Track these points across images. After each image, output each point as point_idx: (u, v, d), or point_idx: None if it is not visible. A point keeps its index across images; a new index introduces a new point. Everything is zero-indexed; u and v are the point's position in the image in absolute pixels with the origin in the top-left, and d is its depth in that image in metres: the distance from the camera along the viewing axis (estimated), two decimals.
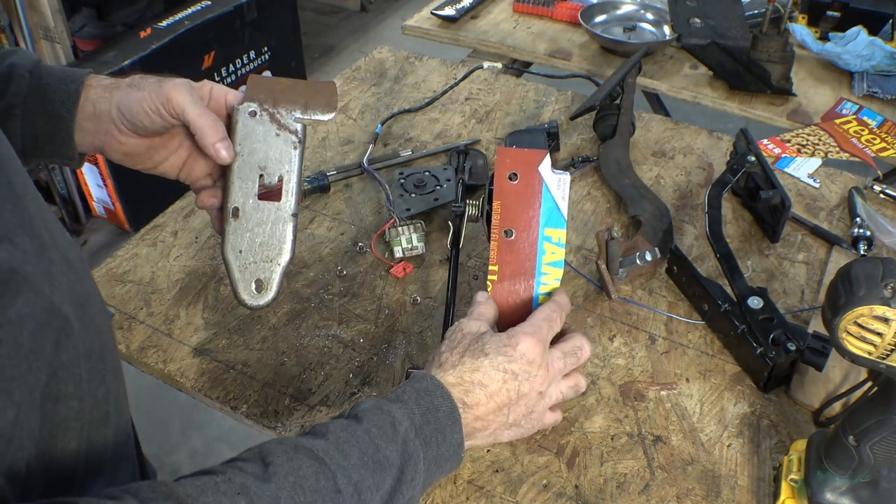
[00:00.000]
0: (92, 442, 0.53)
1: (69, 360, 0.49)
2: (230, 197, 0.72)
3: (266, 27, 2.62)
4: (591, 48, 1.62)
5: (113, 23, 2.48)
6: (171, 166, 0.76)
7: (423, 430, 0.62)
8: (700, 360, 0.89)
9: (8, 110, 0.68)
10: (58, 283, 0.49)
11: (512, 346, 0.67)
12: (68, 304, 0.50)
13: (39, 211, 0.52)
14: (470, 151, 1.18)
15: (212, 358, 0.89)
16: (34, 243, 0.48)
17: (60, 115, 0.69)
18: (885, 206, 1.12)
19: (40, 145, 0.70)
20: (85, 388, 0.51)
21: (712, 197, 1.02)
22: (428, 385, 0.65)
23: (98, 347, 0.54)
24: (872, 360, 0.59)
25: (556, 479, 0.77)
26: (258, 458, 0.55)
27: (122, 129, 0.70)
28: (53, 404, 0.48)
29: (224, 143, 0.70)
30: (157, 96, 0.67)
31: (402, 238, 1.00)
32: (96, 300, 0.58)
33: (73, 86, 0.69)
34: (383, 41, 2.52)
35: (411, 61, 1.47)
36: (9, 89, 0.68)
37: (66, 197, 2.45)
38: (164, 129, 0.71)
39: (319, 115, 0.73)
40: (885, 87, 1.43)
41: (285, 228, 0.73)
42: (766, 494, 0.75)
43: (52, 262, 0.50)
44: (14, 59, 0.69)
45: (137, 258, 1.03)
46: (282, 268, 0.73)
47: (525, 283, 0.75)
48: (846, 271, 0.59)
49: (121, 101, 0.68)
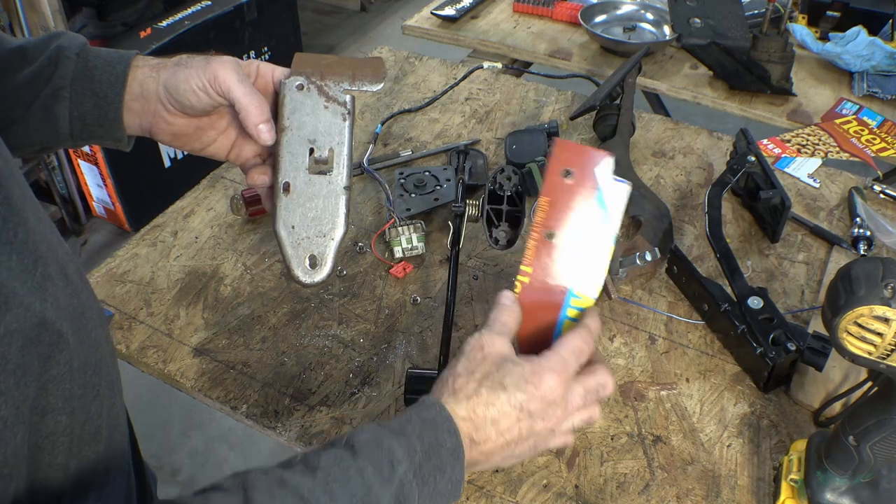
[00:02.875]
0: (82, 457, 0.52)
1: (60, 374, 0.48)
2: (280, 172, 0.70)
3: (266, 27, 2.62)
4: (591, 48, 1.62)
5: (113, 23, 2.48)
6: (220, 147, 0.74)
7: (423, 468, 0.57)
8: (700, 360, 0.89)
9: (56, 93, 0.67)
10: (52, 298, 0.48)
11: (535, 385, 0.61)
12: (63, 319, 0.49)
13: (38, 223, 0.51)
14: (470, 151, 1.18)
15: (212, 358, 0.89)
16: (25, 259, 0.47)
17: (108, 97, 0.68)
18: (885, 206, 1.12)
19: (88, 128, 0.69)
20: (76, 404, 0.51)
21: (712, 197, 1.02)
22: (435, 417, 0.59)
23: (94, 361, 0.53)
24: (872, 360, 0.59)
25: (556, 479, 0.77)
26: (240, 490, 0.51)
27: (170, 109, 0.68)
28: (41, 417, 0.47)
29: (267, 125, 0.68)
30: (203, 73, 0.66)
31: (402, 238, 1.00)
32: (94, 313, 0.57)
33: (120, 66, 0.68)
34: (383, 41, 2.52)
35: (411, 61, 1.47)
36: (56, 72, 0.67)
37: (66, 197, 2.45)
38: (212, 107, 0.69)
39: (368, 85, 0.71)
40: (885, 87, 1.43)
41: (338, 202, 0.71)
42: (766, 494, 0.75)
43: (47, 277, 0.49)
44: (61, 42, 0.68)
45: (137, 258, 1.03)
46: (336, 242, 0.71)
47: (558, 293, 0.68)
48: (846, 271, 0.59)
49: (168, 79, 0.67)
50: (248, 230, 1.07)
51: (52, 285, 0.49)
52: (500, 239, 0.96)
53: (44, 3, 2.12)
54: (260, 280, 0.99)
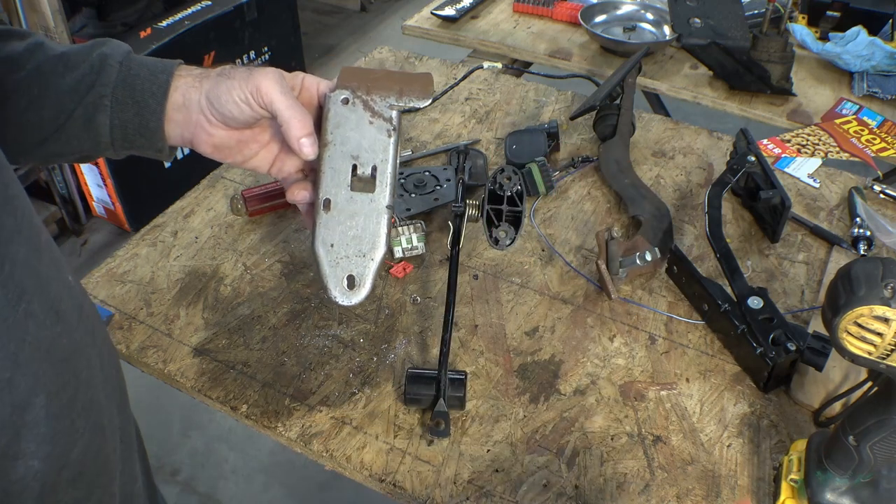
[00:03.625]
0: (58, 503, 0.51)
1: (35, 419, 0.47)
2: (321, 188, 0.68)
3: (266, 27, 2.62)
4: (591, 48, 1.62)
5: (113, 23, 2.48)
6: (263, 161, 0.72)
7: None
8: (700, 360, 0.89)
9: (97, 101, 0.66)
10: (32, 338, 0.47)
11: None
12: (41, 360, 0.48)
13: (31, 255, 0.49)
14: (470, 151, 1.18)
15: (212, 358, 0.89)
16: (9, 293, 0.45)
17: (150, 106, 0.67)
18: (885, 206, 1.12)
19: (130, 137, 0.68)
20: (50, 450, 0.49)
21: (712, 197, 1.02)
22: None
23: (81, 403, 0.52)
24: (872, 360, 0.59)
25: (556, 479, 0.77)
26: None
27: (212, 120, 0.67)
28: (11, 462, 0.46)
29: (310, 139, 0.66)
30: (246, 85, 0.65)
31: (402, 238, 1.00)
32: (93, 351, 0.56)
33: (163, 76, 0.67)
34: (383, 41, 2.52)
35: (411, 61, 1.47)
36: (99, 80, 0.66)
37: (66, 197, 2.45)
38: (254, 120, 0.68)
39: (415, 101, 0.68)
40: (885, 87, 1.43)
41: (380, 221, 0.68)
42: (766, 494, 0.75)
43: (30, 315, 0.47)
44: (105, 50, 0.67)
45: (137, 258, 1.03)
46: (376, 263, 0.68)
47: None
48: (846, 271, 0.59)
49: (210, 90, 0.66)
50: (248, 230, 1.07)
51: (35, 324, 0.48)
52: (500, 239, 0.96)
53: (44, 3, 2.12)
54: (260, 280, 0.99)
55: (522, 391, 0.85)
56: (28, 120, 0.65)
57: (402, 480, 0.77)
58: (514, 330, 0.92)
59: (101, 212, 2.50)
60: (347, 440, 0.80)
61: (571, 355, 0.89)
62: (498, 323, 0.93)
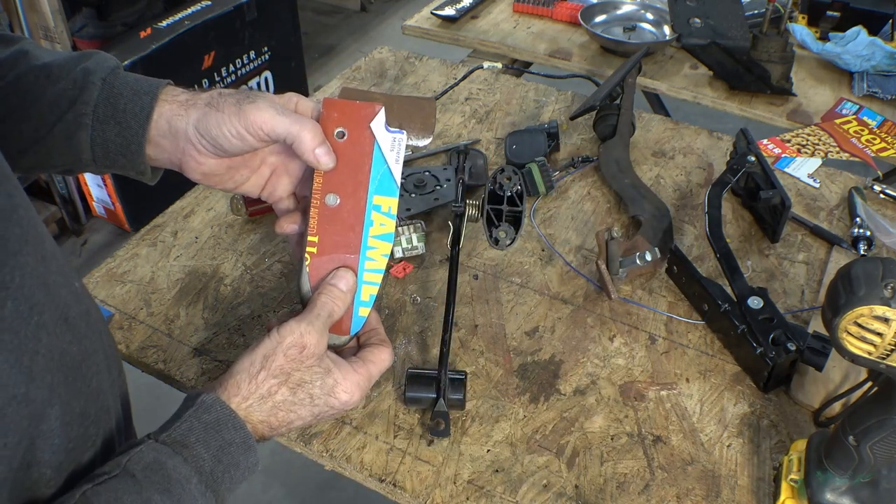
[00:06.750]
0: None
1: (50, 429, 0.47)
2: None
3: (266, 27, 2.62)
4: (591, 48, 1.62)
5: (113, 23, 2.48)
6: (253, 185, 0.71)
7: (215, 472, 0.56)
8: (700, 360, 0.89)
9: (78, 119, 0.65)
10: (45, 349, 0.47)
11: (336, 398, 0.64)
12: (54, 371, 0.48)
13: (39, 264, 0.49)
14: (470, 151, 1.18)
15: (212, 358, 0.89)
16: (20, 305, 0.45)
17: (132, 128, 0.65)
18: (885, 206, 1.12)
19: (111, 156, 0.67)
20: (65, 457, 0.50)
21: (712, 197, 1.02)
22: (218, 417, 0.58)
23: (94, 410, 0.52)
24: (872, 360, 0.59)
25: (556, 479, 0.77)
26: None
27: (201, 150, 0.65)
28: (25, 470, 0.46)
29: (324, 148, 0.64)
30: (238, 120, 0.63)
31: (402, 238, 1.00)
32: (100, 358, 0.55)
33: (146, 98, 0.65)
34: (383, 41, 2.52)
35: (411, 61, 1.47)
36: (80, 97, 0.65)
37: (66, 197, 2.45)
38: (250, 150, 0.66)
39: (414, 139, 0.66)
40: (885, 87, 1.43)
41: None
42: (766, 494, 0.75)
43: (42, 326, 0.47)
44: (88, 65, 0.66)
45: (137, 258, 1.03)
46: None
47: (348, 258, 0.67)
48: (846, 271, 0.59)
49: (199, 121, 0.64)
50: (248, 230, 1.07)
51: (46, 335, 0.48)
52: (500, 239, 0.96)
53: (44, 4, 2.12)
54: (260, 280, 0.99)
55: (522, 391, 0.85)
56: (7, 130, 0.65)
57: (401, 480, 0.77)
58: (514, 330, 0.92)
59: (101, 212, 2.50)
60: (347, 440, 0.80)
61: (571, 355, 0.89)
62: (498, 323, 0.93)
